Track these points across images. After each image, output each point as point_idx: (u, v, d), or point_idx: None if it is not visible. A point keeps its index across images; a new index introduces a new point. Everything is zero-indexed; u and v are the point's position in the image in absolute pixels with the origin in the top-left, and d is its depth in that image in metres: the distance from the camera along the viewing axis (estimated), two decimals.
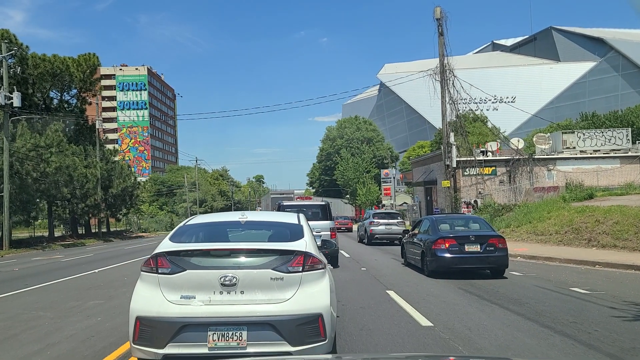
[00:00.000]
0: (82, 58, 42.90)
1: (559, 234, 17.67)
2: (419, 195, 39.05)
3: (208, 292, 4.28)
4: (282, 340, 4.17)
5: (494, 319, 6.98)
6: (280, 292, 4.32)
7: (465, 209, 28.76)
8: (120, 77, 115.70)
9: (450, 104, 27.18)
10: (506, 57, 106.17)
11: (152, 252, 4.58)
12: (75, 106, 44.33)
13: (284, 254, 4.48)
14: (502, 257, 11.10)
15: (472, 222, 12.68)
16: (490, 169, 30.32)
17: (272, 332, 4.18)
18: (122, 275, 13.30)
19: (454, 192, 28.40)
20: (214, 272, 4.31)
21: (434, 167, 34.12)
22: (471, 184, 30.15)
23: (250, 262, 4.40)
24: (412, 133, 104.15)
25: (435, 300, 8.45)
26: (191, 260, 4.41)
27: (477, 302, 8.24)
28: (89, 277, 13.37)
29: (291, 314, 4.24)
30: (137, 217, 59.17)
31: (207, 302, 4.27)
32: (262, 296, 4.31)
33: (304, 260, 4.45)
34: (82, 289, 10.82)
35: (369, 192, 57.94)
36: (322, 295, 4.44)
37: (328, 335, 4.32)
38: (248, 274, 4.32)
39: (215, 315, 4.21)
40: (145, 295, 4.44)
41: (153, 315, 4.26)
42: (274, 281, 4.33)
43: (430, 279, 11.10)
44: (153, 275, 4.45)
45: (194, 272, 4.34)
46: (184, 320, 4.20)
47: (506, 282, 10.41)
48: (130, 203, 45.19)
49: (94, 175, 38.57)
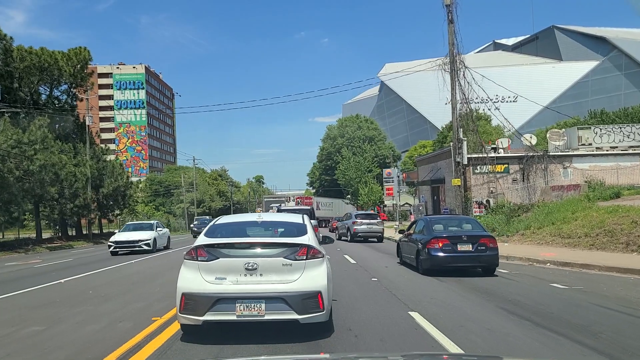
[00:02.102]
0: (72, 52, 40.99)
1: (589, 236, 15.77)
2: (425, 195, 37.17)
3: (236, 274, 5.63)
4: (291, 311, 5.48)
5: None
6: (290, 274, 5.64)
7: (477, 209, 26.89)
8: (117, 75, 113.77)
9: (461, 96, 25.28)
10: (508, 56, 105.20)
11: (193, 245, 5.91)
12: (66, 102, 42.48)
13: (292, 246, 5.80)
14: (493, 256, 11.72)
15: (465, 223, 13.27)
16: (503, 167, 28.42)
17: (284, 304, 5.49)
18: (89, 287, 11.33)
19: (464, 191, 26.54)
20: (240, 259, 5.65)
21: (442, 164, 32.24)
22: (482, 182, 28.25)
23: (267, 252, 5.75)
24: (413, 133, 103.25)
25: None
26: (222, 250, 5.77)
27: (533, 330, 6.35)
28: (50, 289, 11.36)
29: (298, 291, 5.55)
30: (131, 217, 57.23)
31: (235, 282, 5.62)
32: (276, 277, 5.63)
33: (307, 251, 5.77)
34: (29, 308, 8.85)
35: (371, 192, 55.98)
36: (321, 277, 5.73)
37: (326, 307, 5.64)
38: (265, 261, 5.65)
39: (241, 292, 5.55)
40: (188, 277, 5.74)
41: (194, 291, 5.59)
42: (284, 266, 5.66)
43: (424, 276, 11.57)
44: (194, 262, 5.77)
45: (225, 259, 5.69)
46: (218, 295, 5.53)
47: (554, 299, 8.44)
48: (123, 203, 43.26)
49: (84, 174, 36.68)
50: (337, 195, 72.60)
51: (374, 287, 10.06)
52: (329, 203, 67.46)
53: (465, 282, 10.54)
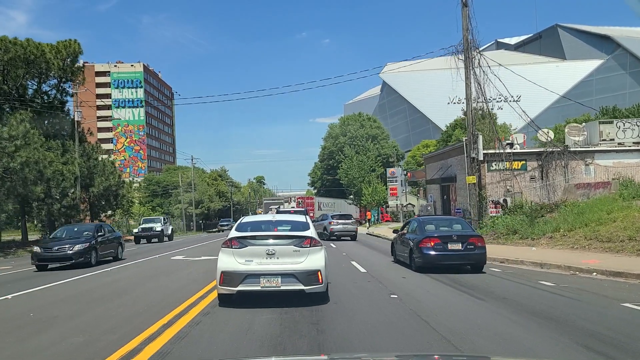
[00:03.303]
0: (61, 45, 38.97)
1: (634, 240, 13.69)
2: (434, 194, 35.04)
3: (259, 258, 7.94)
4: (299, 283, 7.83)
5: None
6: (298, 258, 7.96)
7: (493, 209, 24.81)
8: (115, 74, 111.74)
9: (477, 87, 23.20)
10: (510, 55, 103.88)
11: (227, 237, 8.23)
12: (55, 98, 40.49)
13: (300, 238, 8.16)
14: (481, 254, 12.36)
15: (455, 223, 13.97)
16: (520, 163, 26.29)
17: (294, 278, 7.81)
18: (35, 306, 9.26)
19: (479, 189, 24.45)
20: (262, 247, 7.99)
21: (453, 162, 30.14)
22: (498, 180, 26.13)
23: (282, 242, 8.09)
24: (415, 133, 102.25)
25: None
26: (250, 240, 8.09)
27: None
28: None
29: (304, 269, 7.88)
30: (126, 218, 55.15)
31: (259, 263, 7.92)
32: (288, 260, 7.95)
33: (311, 241, 8.13)
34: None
35: (375, 191, 53.78)
36: (320, 260, 8.08)
37: (324, 281, 8.02)
38: (281, 248, 8.00)
39: (263, 270, 7.85)
40: (225, 260, 8.03)
41: (230, 270, 7.92)
42: (294, 252, 8.00)
43: (417, 273, 12.34)
44: (229, 249, 8.09)
45: (251, 247, 8.02)
46: (247, 272, 7.85)
47: (633, 331, 6.38)
48: (115, 204, 41.16)
49: (72, 172, 34.62)
50: (339, 195, 70.46)
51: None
52: (331, 203, 65.35)
53: (508, 302, 8.45)
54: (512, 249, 17.33)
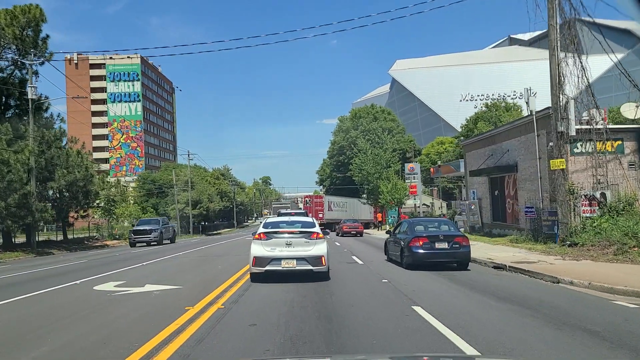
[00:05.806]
0: (18, 9, 32.25)
1: None
2: (478, 190, 27.61)
3: (281, 247, 11.32)
4: (309, 265, 11.12)
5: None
6: (308, 247, 11.33)
7: (587, 207, 17.39)
8: (110, 66, 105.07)
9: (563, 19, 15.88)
10: (524, 51, 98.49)
11: (257, 231, 11.82)
12: (13, 75, 33.66)
13: (309, 233, 11.56)
14: (466, 252, 13.51)
15: (442, 224, 15.23)
16: (616, 143, 18.95)
17: (305, 262, 11.12)
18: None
19: (563, 179, 17.10)
20: (282, 239, 11.41)
21: (512, 145, 22.80)
22: (585, 167, 18.77)
23: (296, 236, 11.51)
24: (426, 131, 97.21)
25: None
26: (273, 234, 11.51)
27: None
28: None
29: (312, 255, 11.20)
30: (109, 220, 48.09)
31: (281, 250, 11.27)
32: (301, 248, 11.30)
33: (317, 235, 11.50)
34: None
35: (395, 189, 46.35)
36: (323, 249, 11.39)
37: (326, 264, 11.39)
38: (295, 239, 11.41)
39: (284, 255, 11.18)
40: (256, 249, 11.35)
41: (259, 255, 11.27)
42: (305, 243, 11.38)
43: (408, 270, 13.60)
44: (259, 240, 11.43)
45: (275, 239, 11.42)
46: (272, 257, 11.20)
47: None
48: (85, 202, 34.09)
49: (24, 162, 27.64)
50: (351, 194, 63.17)
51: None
52: (342, 203, 58.01)
53: None
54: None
